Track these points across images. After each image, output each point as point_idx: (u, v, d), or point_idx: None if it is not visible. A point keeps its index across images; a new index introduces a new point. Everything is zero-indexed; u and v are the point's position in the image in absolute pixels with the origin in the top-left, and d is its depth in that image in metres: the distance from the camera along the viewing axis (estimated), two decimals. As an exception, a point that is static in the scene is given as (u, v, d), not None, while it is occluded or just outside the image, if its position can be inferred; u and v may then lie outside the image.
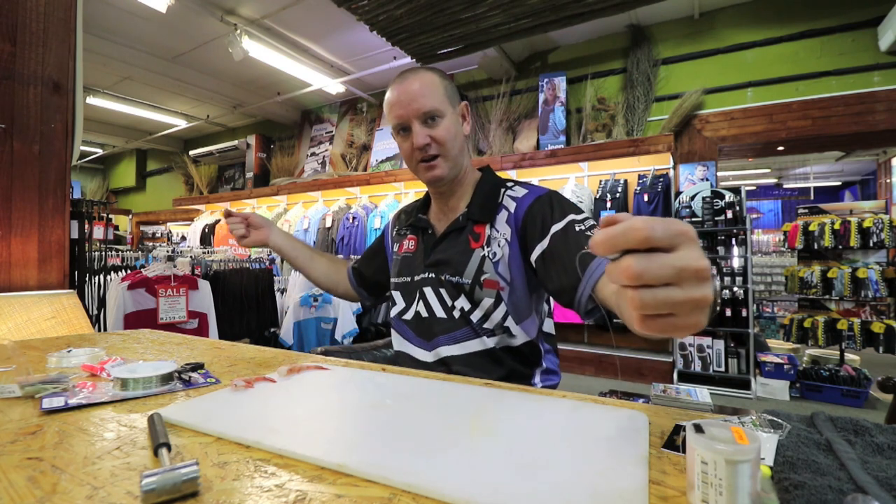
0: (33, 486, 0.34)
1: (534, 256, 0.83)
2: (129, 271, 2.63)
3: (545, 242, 0.80)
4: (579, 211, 0.83)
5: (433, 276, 0.92)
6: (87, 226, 1.90)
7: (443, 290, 0.90)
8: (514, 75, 4.35)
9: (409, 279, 0.97)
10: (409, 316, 0.96)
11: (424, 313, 0.92)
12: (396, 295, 1.00)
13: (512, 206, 0.90)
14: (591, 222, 0.79)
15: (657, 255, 0.34)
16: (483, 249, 0.88)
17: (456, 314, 0.89)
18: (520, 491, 0.33)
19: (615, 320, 0.63)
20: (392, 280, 1.03)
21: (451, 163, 0.90)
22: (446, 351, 0.88)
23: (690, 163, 3.68)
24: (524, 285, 0.87)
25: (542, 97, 4.08)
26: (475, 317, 0.87)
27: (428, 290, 0.92)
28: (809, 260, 3.67)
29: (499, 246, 0.87)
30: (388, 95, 0.90)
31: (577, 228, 0.77)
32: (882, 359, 4.09)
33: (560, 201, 0.85)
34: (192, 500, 0.32)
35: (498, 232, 0.88)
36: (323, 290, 1.20)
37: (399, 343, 0.98)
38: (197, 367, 0.69)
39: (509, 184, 0.96)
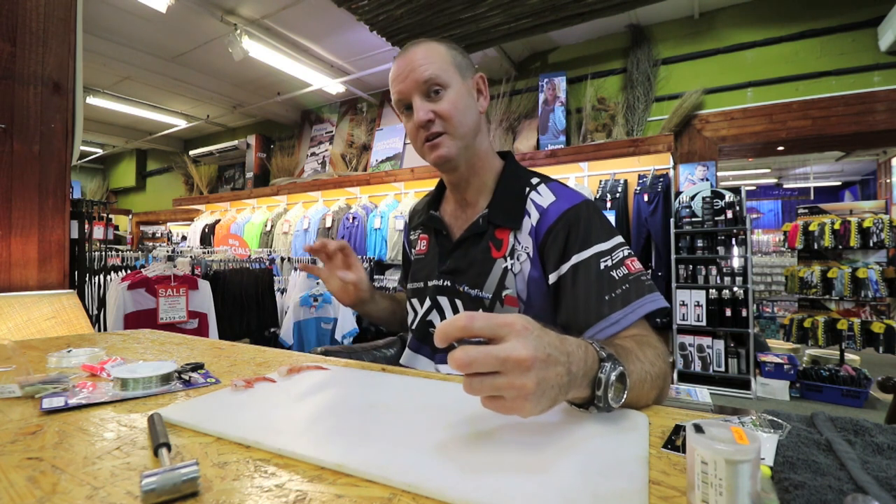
0: (33, 486, 0.34)
1: (550, 280, 0.74)
2: (129, 271, 2.63)
3: (563, 269, 0.72)
4: (609, 234, 0.72)
5: (448, 284, 0.82)
6: (87, 226, 1.90)
7: (459, 302, 0.81)
8: (514, 75, 4.36)
9: (421, 284, 0.88)
10: (416, 325, 0.87)
11: (438, 324, 0.83)
12: (415, 302, 0.89)
13: (535, 215, 0.77)
14: (621, 254, 0.70)
15: (484, 346, 0.38)
16: (506, 260, 0.77)
17: None
18: (520, 491, 0.33)
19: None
20: (408, 286, 0.92)
21: (459, 141, 0.78)
22: (449, 370, 0.81)
23: (690, 163, 3.68)
24: (544, 308, 0.75)
25: (542, 97, 4.08)
26: None
27: (444, 300, 0.83)
28: (809, 260, 3.67)
29: (519, 260, 0.76)
30: (390, 74, 0.80)
31: (602, 265, 0.69)
32: (882, 359, 4.09)
33: (589, 220, 0.73)
34: (192, 500, 0.32)
35: (520, 244, 0.77)
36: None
37: (407, 357, 0.88)
38: (197, 367, 0.69)
39: (534, 181, 0.82)
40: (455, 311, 0.82)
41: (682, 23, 3.80)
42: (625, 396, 0.48)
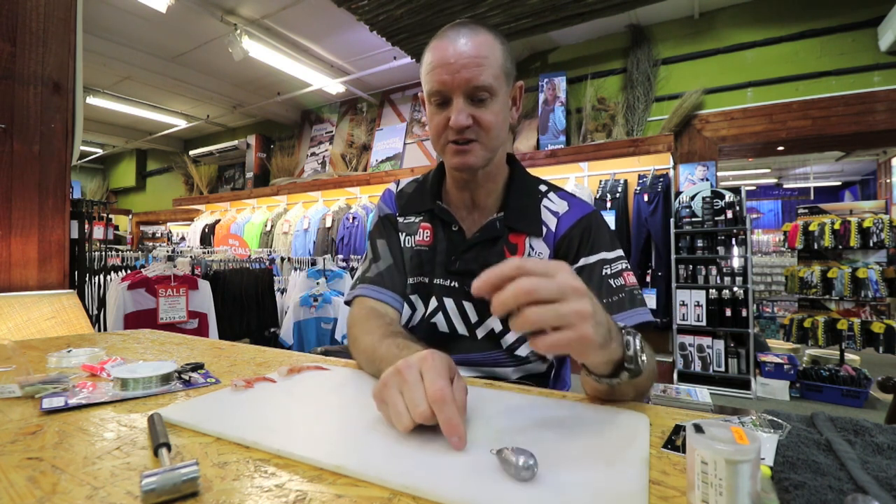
0: (33, 486, 0.34)
1: None
2: (129, 271, 2.63)
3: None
4: (613, 245, 0.76)
5: (457, 285, 0.80)
6: (87, 226, 1.90)
7: (468, 305, 0.79)
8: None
9: (425, 280, 0.83)
10: (417, 324, 0.85)
11: (443, 327, 0.81)
12: (415, 298, 0.84)
13: (552, 222, 0.79)
14: (621, 266, 0.73)
15: (544, 278, 0.41)
16: None
17: (480, 333, 0.79)
18: (520, 492, 0.33)
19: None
20: (410, 280, 0.86)
21: (489, 153, 0.75)
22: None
23: (690, 163, 3.68)
24: None
25: (542, 97, 4.08)
26: (508, 340, 0.78)
27: (449, 302, 0.81)
28: (809, 260, 3.67)
29: None
30: (430, 53, 0.73)
31: (604, 272, 0.72)
32: (882, 359, 4.09)
33: (599, 229, 0.77)
34: (192, 500, 0.32)
35: (534, 249, 0.78)
36: None
37: None
38: (197, 367, 0.69)
39: (543, 188, 0.84)
40: (461, 313, 0.80)
41: (682, 23, 3.80)
42: (646, 361, 0.51)
